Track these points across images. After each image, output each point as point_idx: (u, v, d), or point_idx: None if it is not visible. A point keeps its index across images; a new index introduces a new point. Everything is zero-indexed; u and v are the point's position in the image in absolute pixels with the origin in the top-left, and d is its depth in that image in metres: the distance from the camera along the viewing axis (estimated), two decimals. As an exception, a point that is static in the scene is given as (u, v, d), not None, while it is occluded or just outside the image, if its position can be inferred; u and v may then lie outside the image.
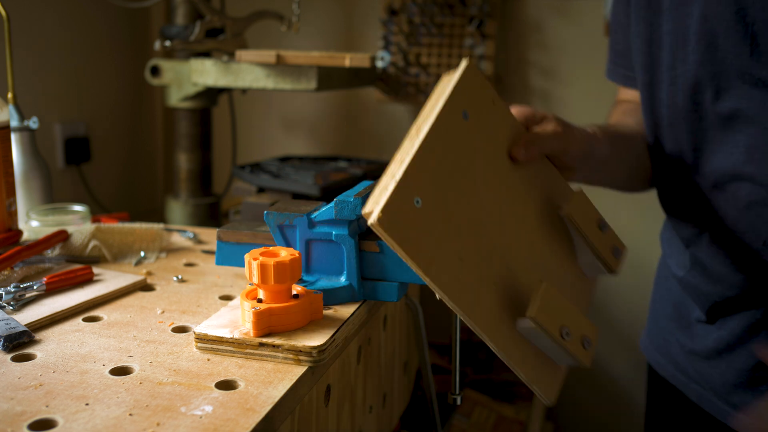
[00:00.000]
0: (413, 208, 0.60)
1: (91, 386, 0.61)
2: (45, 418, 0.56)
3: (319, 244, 0.78)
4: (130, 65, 1.87)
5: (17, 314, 0.76)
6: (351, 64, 1.40)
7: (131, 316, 0.78)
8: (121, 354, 0.68)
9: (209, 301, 0.83)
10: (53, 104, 1.63)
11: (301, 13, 1.71)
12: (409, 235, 0.59)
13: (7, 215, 0.97)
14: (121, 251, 0.99)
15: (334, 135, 1.96)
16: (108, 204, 1.81)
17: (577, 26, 1.73)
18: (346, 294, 0.77)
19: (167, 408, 0.57)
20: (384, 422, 0.95)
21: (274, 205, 0.80)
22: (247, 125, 2.00)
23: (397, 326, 0.98)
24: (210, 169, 1.65)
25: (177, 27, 1.49)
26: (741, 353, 0.86)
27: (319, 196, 1.35)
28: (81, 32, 1.69)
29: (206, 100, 1.56)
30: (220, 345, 0.68)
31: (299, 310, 0.69)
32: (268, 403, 0.59)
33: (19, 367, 0.65)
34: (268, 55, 1.36)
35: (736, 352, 0.86)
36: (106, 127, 1.81)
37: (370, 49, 1.86)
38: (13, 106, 1.12)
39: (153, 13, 1.94)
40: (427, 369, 0.96)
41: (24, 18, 1.51)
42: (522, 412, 1.55)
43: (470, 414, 1.50)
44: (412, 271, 0.66)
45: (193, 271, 0.95)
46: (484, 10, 1.71)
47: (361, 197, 0.74)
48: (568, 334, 0.66)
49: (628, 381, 1.88)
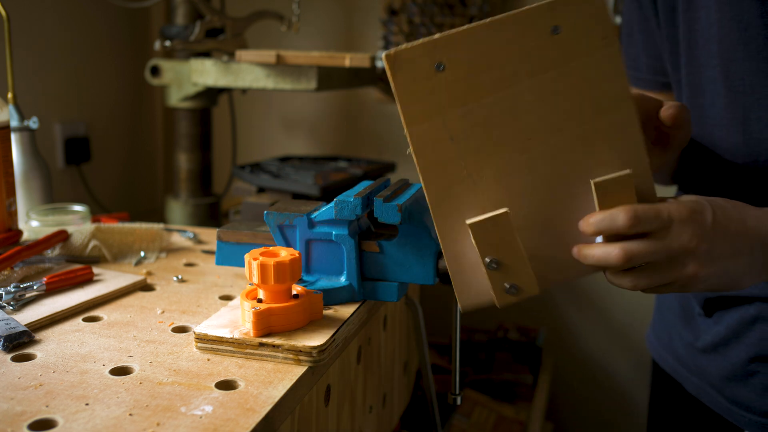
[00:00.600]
0: (431, 68, 0.63)
1: (91, 386, 0.61)
2: (45, 418, 0.56)
3: (319, 244, 0.78)
4: (130, 65, 1.87)
5: (17, 314, 0.76)
6: (351, 64, 1.40)
7: (131, 316, 0.78)
8: (121, 354, 0.68)
9: (209, 301, 0.83)
10: (53, 104, 1.63)
11: (301, 13, 1.71)
12: (411, 86, 0.63)
13: (7, 215, 0.97)
14: (121, 251, 0.99)
15: (334, 135, 1.96)
16: (108, 204, 1.81)
17: (577, 26, 1.73)
18: (346, 294, 0.77)
19: (167, 408, 0.57)
20: (384, 422, 0.95)
21: (274, 205, 0.80)
22: (247, 125, 2.00)
23: (397, 326, 0.98)
24: (210, 169, 1.65)
25: (177, 27, 1.49)
26: (736, 347, 0.87)
27: (319, 196, 1.35)
28: (81, 32, 1.69)
29: (206, 100, 1.56)
30: (220, 345, 0.68)
31: (299, 310, 0.69)
32: (268, 403, 0.59)
33: (19, 367, 0.65)
34: (268, 55, 1.36)
35: (730, 346, 0.88)
36: (106, 127, 1.81)
37: (370, 49, 1.86)
38: (13, 106, 1.12)
39: (153, 13, 1.94)
40: (427, 369, 0.96)
41: (24, 18, 1.51)
42: (522, 412, 1.55)
43: (470, 414, 1.50)
44: (413, 271, 0.67)
45: (193, 271, 0.95)
46: (484, 10, 1.71)
47: (361, 197, 0.74)
48: (495, 265, 0.65)
49: (628, 381, 1.88)
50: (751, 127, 0.80)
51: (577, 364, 1.92)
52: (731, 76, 0.81)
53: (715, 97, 0.83)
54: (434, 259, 0.75)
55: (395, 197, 0.76)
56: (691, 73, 0.87)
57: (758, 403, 0.85)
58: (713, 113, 0.84)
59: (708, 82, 0.84)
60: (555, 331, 1.90)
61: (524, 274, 0.66)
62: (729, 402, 0.89)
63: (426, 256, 0.75)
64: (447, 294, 0.74)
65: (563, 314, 1.90)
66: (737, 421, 0.88)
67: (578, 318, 1.89)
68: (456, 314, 0.78)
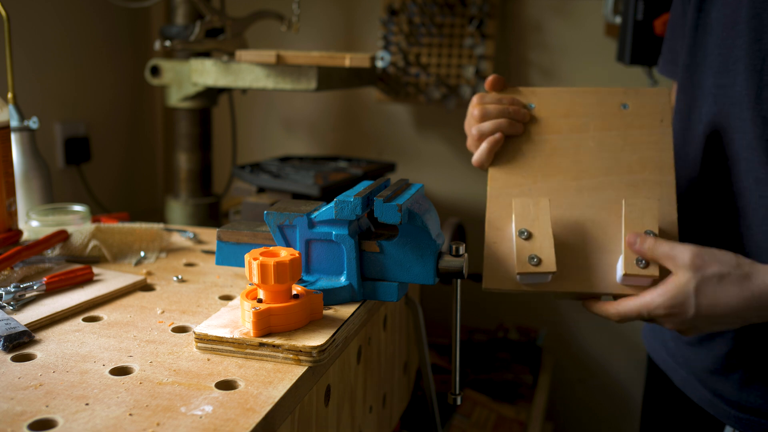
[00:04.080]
0: (524, 104, 0.89)
1: (91, 386, 0.61)
2: (45, 418, 0.56)
3: (319, 244, 0.78)
4: (130, 65, 1.87)
5: (17, 314, 0.76)
6: (351, 64, 1.40)
7: (131, 316, 0.78)
8: (121, 354, 0.68)
9: (209, 301, 0.83)
10: (53, 104, 1.63)
11: (301, 13, 1.71)
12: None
13: (7, 215, 0.97)
14: (121, 251, 0.99)
15: (334, 135, 1.97)
16: (108, 204, 1.81)
17: (577, 26, 1.73)
18: (346, 294, 0.77)
19: (167, 408, 0.57)
20: (384, 422, 0.95)
21: (274, 205, 0.80)
22: (247, 125, 2.00)
23: (397, 326, 0.98)
24: (210, 169, 1.65)
25: (177, 27, 1.49)
26: (719, 341, 0.89)
27: (319, 196, 1.35)
28: (81, 32, 1.69)
29: (206, 100, 1.56)
30: (220, 345, 0.68)
31: (299, 310, 0.69)
32: (268, 403, 0.59)
33: (19, 367, 0.65)
34: (268, 55, 1.36)
35: (715, 340, 0.89)
36: (106, 127, 1.81)
37: (370, 49, 1.86)
38: (13, 106, 1.12)
39: (153, 13, 1.94)
40: (427, 369, 0.96)
41: (24, 18, 1.51)
42: (522, 412, 1.55)
43: (470, 414, 1.50)
44: (413, 271, 0.70)
45: (193, 271, 0.95)
46: (484, 10, 1.71)
47: (361, 197, 0.74)
48: (526, 235, 0.79)
49: (628, 381, 1.88)
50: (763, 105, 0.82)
51: (577, 364, 1.92)
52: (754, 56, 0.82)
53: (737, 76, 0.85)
54: (434, 259, 0.75)
55: (395, 197, 0.76)
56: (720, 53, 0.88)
57: (737, 397, 0.87)
58: (734, 92, 0.85)
59: (733, 62, 0.85)
60: (555, 331, 1.90)
61: (547, 249, 0.78)
62: (712, 395, 0.91)
63: (426, 256, 0.75)
64: (447, 294, 0.74)
65: (563, 314, 1.90)
66: (719, 415, 0.90)
67: (578, 318, 1.89)
68: (456, 314, 0.78)
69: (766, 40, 0.80)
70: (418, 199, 0.78)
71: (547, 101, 0.89)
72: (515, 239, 0.80)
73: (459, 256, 0.76)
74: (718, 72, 0.87)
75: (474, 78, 1.73)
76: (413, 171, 1.87)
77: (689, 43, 0.93)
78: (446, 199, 1.86)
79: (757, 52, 0.81)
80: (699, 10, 0.91)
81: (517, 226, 0.80)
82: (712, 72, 0.88)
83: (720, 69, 0.87)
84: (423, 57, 1.77)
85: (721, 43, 0.87)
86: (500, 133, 0.86)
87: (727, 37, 0.85)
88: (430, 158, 1.87)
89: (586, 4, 1.71)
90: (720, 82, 0.87)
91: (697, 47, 0.92)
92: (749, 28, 0.82)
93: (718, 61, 0.87)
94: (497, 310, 1.92)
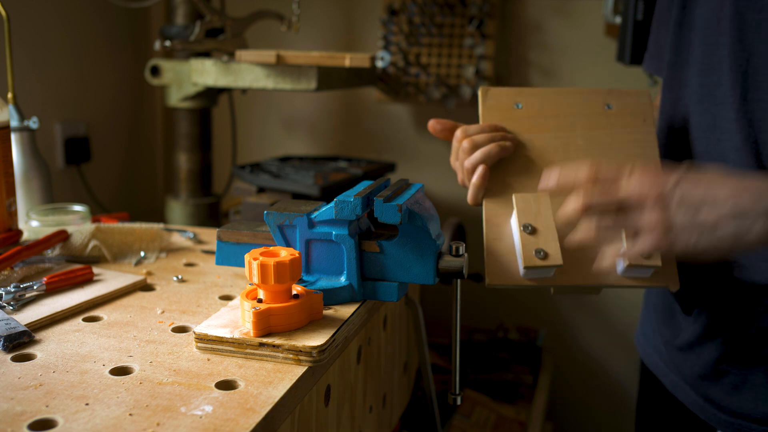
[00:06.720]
0: (511, 104, 0.91)
1: (91, 386, 0.61)
2: (45, 418, 0.56)
3: (319, 244, 0.78)
4: (130, 65, 1.87)
5: (17, 314, 0.76)
6: (351, 64, 1.40)
7: (131, 316, 0.78)
8: (121, 354, 0.68)
9: (209, 301, 0.83)
10: (53, 104, 1.63)
11: (301, 13, 1.71)
12: (494, 112, 0.91)
13: (7, 215, 0.97)
14: (121, 251, 0.99)
15: (334, 135, 1.97)
16: (108, 204, 1.81)
17: (577, 26, 1.73)
18: (346, 294, 0.77)
19: (167, 408, 0.57)
20: (384, 422, 0.95)
21: (274, 205, 0.80)
22: (247, 125, 2.00)
23: (397, 326, 0.98)
24: (210, 169, 1.65)
25: (177, 27, 1.49)
26: (709, 346, 0.88)
27: (319, 196, 1.35)
28: (81, 32, 1.69)
29: (206, 100, 1.56)
30: (220, 345, 0.68)
31: (299, 310, 0.69)
32: (268, 403, 0.59)
33: (19, 367, 0.65)
34: (268, 55, 1.36)
35: (706, 345, 0.89)
36: (106, 127, 1.81)
37: (370, 49, 1.86)
38: (13, 106, 1.12)
39: (153, 13, 1.94)
40: (427, 369, 0.96)
41: (24, 18, 1.51)
42: (522, 412, 1.55)
43: (470, 414, 1.50)
44: (413, 271, 0.69)
45: (193, 271, 0.95)
46: (484, 10, 1.71)
47: (361, 197, 0.74)
48: (530, 230, 0.80)
49: (628, 381, 1.88)
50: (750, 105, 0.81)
51: (577, 364, 1.92)
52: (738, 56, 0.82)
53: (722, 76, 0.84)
54: (434, 259, 0.75)
55: (395, 197, 0.76)
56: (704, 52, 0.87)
57: (727, 402, 0.87)
58: (720, 92, 0.85)
59: (717, 62, 0.85)
60: (555, 331, 1.90)
61: (553, 243, 0.79)
62: (703, 400, 0.90)
63: (426, 256, 0.75)
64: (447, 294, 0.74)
65: (563, 314, 1.90)
66: (709, 420, 0.90)
67: (578, 318, 1.89)
68: (456, 314, 0.78)
69: (749, 41, 0.80)
70: (418, 199, 0.78)
71: (533, 101, 0.91)
72: (519, 234, 0.80)
73: (459, 256, 0.76)
74: (702, 71, 0.87)
75: (474, 78, 1.73)
76: (413, 171, 1.87)
77: (673, 40, 0.93)
78: (446, 199, 1.86)
79: (740, 52, 0.81)
80: (683, 7, 0.91)
81: (520, 221, 0.81)
82: (696, 71, 0.88)
83: (705, 68, 0.86)
84: (423, 57, 1.77)
85: (704, 41, 0.86)
86: (484, 165, 0.86)
87: (711, 35, 0.85)
88: (430, 158, 1.87)
89: (586, 4, 1.71)
90: (705, 82, 0.86)
91: (681, 44, 0.91)
92: (732, 26, 0.81)
93: (702, 60, 0.87)
94: (497, 310, 1.92)
